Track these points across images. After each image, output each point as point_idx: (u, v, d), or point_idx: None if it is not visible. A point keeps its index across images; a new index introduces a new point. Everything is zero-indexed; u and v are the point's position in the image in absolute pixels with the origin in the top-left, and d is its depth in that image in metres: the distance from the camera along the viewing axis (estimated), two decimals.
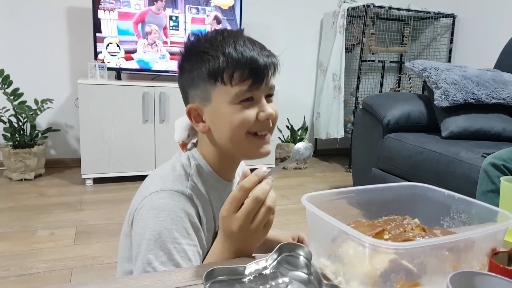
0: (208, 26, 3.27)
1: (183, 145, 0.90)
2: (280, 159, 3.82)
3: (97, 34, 3.00)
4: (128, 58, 3.12)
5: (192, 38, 0.84)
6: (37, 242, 2.08)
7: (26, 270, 1.81)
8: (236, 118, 0.78)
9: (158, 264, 0.74)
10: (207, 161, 0.86)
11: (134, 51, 3.12)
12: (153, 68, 3.20)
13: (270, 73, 0.81)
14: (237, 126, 0.78)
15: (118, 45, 3.06)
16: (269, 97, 0.84)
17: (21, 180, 3.02)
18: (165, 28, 3.17)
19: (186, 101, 0.86)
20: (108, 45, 3.04)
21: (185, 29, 3.22)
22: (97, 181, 3.01)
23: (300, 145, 0.73)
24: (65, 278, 1.75)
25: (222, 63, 0.77)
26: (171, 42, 3.21)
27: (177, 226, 0.76)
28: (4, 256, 1.92)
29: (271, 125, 0.83)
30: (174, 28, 3.19)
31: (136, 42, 3.11)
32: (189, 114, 0.84)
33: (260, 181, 0.66)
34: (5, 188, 2.88)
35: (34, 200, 2.66)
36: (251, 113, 0.79)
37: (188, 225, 0.78)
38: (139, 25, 3.10)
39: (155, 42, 3.16)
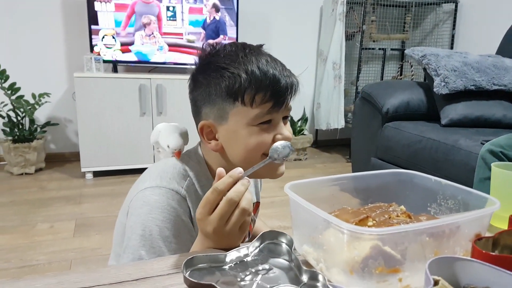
0: (206, 15, 3.24)
1: (179, 153, 0.86)
2: None
3: (93, 27, 2.98)
4: (125, 50, 3.10)
5: (209, 50, 0.81)
6: (37, 235, 2.09)
7: (26, 262, 1.82)
8: (253, 141, 0.76)
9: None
10: (210, 168, 0.85)
11: (131, 43, 3.11)
12: (152, 60, 3.18)
13: (290, 95, 0.78)
14: (253, 149, 0.77)
15: (113, 37, 3.05)
16: (285, 118, 0.82)
17: (22, 174, 3.03)
18: (159, 19, 3.14)
19: (198, 116, 0.83)
20: (103, 37, 3.02)
21: (182, 20, 3.19)
22: (96, 174, 3.02)
23: (278, 144, 0.71)
24: (65, 270, 1.76)
25: (244, 82, 0.74)
26: (169, 33, 3.18)
27: (169, 224, 0.76)
28: (4, 249, 1.93)
29: None
30: (171, 18, 3.17)
31: (133, 34, 3.09)
32: (201, 130, 0.81)
33: (235, 183, 0.63)
34: (6, 182, 2.89)
35: (35, 194, 2.67)
36: (268, 136, 0.77)
37: (181, 224, 0.77)
38: (133, 18, 3.07)
39: (152, 33, 3.14)
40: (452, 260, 0.50)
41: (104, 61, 3.03)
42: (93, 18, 2.97)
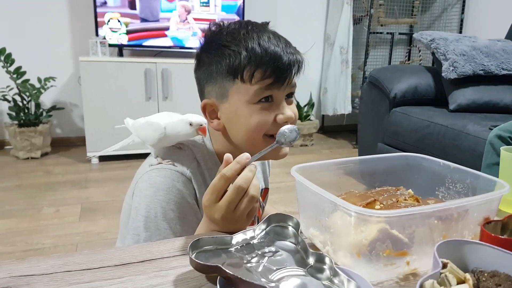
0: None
1: (205, 129, 0.81)
2: None
3: (98, 10, 2.96)
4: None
5: (213, 29, 0.79)
6: (43, 219, 2.10)
7: (32, 245, 1.84)
8: (254, 120, 0.75)
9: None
10: (217, 151, 0.84)
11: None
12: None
13: (293, 72, 0.76)
14: (254, 129, 0.76)
15: (119, 21, 3.03)
16: (289, 97, 0.79)
17: (28, 158, 3.04)
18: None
19: (201, 95, 0.82)
20: (109, 21, 3.00)
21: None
22: (102, 159, 3.03)
23: (285, 128, 0.69)
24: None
25: (243, 59, 0.73)
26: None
27: (174, 206, 0.76)
28: (10, 232, 1.95)
29: None
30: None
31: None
32: (203, 109, 0.80)
33: (242, 169, 0.62)
34: (12, 166, 2.91)
35: (40, 178, 2.69)
36: (269, 115, 0.75)
37: (186, 205, 0.77)
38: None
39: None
40: (460, 243, 0.49)
41: (110, 45, 3.01)
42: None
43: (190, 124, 0.77)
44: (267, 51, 0.73)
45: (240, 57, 0.73)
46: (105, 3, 2.97)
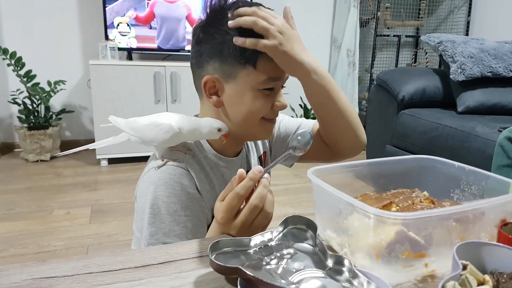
0: None
1: (228, 135, 0.81)
2: None
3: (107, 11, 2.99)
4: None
5: (223, 2, 0.78)
6: (53, 221, 2.12)
7: (43, 247, 1.85)
8: (257, 104, 0.79)
9: (162, 236, 0.75)
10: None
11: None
12: None
13: None
14: (255, 112, 0.79)
15: (128, 25, 3.05)
16: (283, 87, 0.85)
17: (37, 161, 3.07)
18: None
19: (200, 69, 0.81)
20: (118, 25, 3.03)
21: None
22: (111, 161, 3.05)
23: (298, 133, 0.70)
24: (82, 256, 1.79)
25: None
26: None
27: (175, 199, 0.77)
28: (22, 235, 1.97)
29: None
30: None
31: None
32: (204, 84, 0.80)
33: (255, 183, 0.63)
34: (22, 169, 2.93)
35: (51, 180, 2.71)
36: (270, 101, 0.80)
37: (186, 197, 0.78)
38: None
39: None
40: (479, 245, 0.50)
41: (119, 49, 3.03)
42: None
43: (219, 129, 0.78)
44: None
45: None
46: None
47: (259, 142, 1.03)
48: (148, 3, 3.08)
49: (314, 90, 0.83)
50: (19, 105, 3.03)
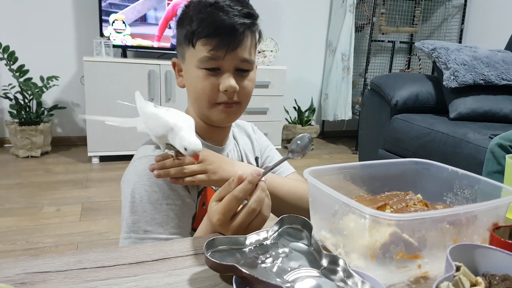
0: None
1: (198, 156, 0.78)
2: (286, 140, 3.81)
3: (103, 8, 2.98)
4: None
5: (189, 2, 0.86)
6: (43, 218, 2.11)
7: (33, 244, 1.84)
8: (199, 84, 0.81)
9: (143, 224, 0.77)
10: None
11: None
12: None
13: (238, 42, 0.78)
14: (200, 91, 0.81)
15: (124, 22, 3.04)
16: (242, 72, 0.82)
17: (28, 157, 3.04)
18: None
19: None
20: (113, 22, 3.02)
21: None
22: (103, 159, 3.03)
23: (297, 137, 0.71)
24: None
25: (194, 27, 0.79)
26: None
27: (157, 188, 0.78)
28: (11, 231, 1.95)
29: (235, 98, 0.82)
30: None
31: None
32: (173, 65, 0.90)
33: (254, 187, 0.64)
34: (12, 165, 2.91)
35: (41, 177, 2.69)
36: (213, 82, 0.80)
37: (168, 187, 0.79)
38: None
39: None
40: (472, 247, 0.51)
41: (114, 46, 3.02)
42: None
43: (185, 148, 0.74)
44: (215, 20, 0.77)
45: (192, 25, 0.79)
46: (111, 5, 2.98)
47: (255, 142, 1.04)
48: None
49: None
50: (10, 100, 3.00)
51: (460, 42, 3.84)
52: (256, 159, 1.02)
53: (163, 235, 0.77)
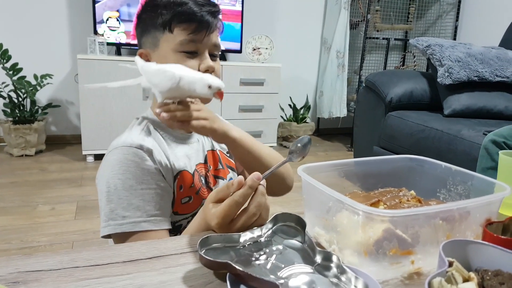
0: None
1: (222, 93, 0.80)
2: (282, 138, 3.82)
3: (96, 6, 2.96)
4: None
5: None
6: (38, 216, 2.10)
7: (27, 243, 1.83)
8: None
9: (121, 210, 0.78)
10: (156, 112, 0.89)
11: None
12: None
13: (210, 28, 0.87)
14: None
15: (118, 20, 3.02)
16: (213, 56, 0.91)
17: (22, 156, 3.03)
18: None
19: (139, 48, 0.93)
20: (107, 20, 3.00)
21: None
22: (98, 157, 3.01)
23: (299, 138, 0.72)
24: None
25: (170, 14, 0.85)
26: None
27: (130, 175, 0.80)
28: (5, 230, 1.94)
29: None
30: None
31: None
32: (141, 56, 0.90)
33: (253, 191, 0.64)
34: (6, 163, 2.89)
35: (35, 175, 2.67)
36: (193, 64, 0.86)
37: (142, 172, 0.81)
38: None
39: None
40: (465, 243, 0.51)
41: (108, 44, 3.00)
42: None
43: (209, 86, 0.76)
44: (190, 9, 0.85)
45: (167, 12, 0.85)
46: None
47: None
48: None
49: (239, 152, 0.88)
50: (4, 98, 2.98)
51: (454, 39, 3.85)
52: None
53: (141, 218, 0.79)
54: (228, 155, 1.07)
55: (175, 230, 0.89)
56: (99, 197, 0.83)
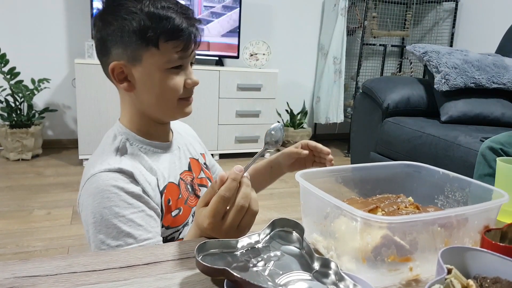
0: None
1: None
2: None
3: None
4: None
5: None
6: (34, 221, 2.08)
7: (23, 248, 1.82)
8: (169, 84, 0.81)
9: (111, 240, 0.74)
10: (134, 130, 0.86)
11: None
12: None
13: (198, 42, 0.83)
14: (170, 91, 0.81)
15: None
16: (191, 65, 0.87)
17: (18, 160, 3.01)
18: None
19: (106, 56, 0.82)
20: None
21: None
22: None
23: (271, 128, 0.72)
24: None
25: (156, 28, 0.76)
26: None
27: (115, 201, 0.76)
28: (0, 234, 1.92)
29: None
30: None
31: None
32: (112, 71, 0.81)
33: (238, 184, 0.63)
34: (2, 167, 2.87)
35: (31, 180, 2.66)
36: (180, 80, 0.82)
37: (126, 196, 0.77)
38: None
39: None
40: (463, 250, 0.51)
41: None
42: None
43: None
44: (175, 23, 0.77)
45: (152, 25, 0.76)
46: None
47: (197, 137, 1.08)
48: None
49: None
50: (1, 102, 2.97)
51: (451, 46, 3.87)
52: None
53: (134, 244, 0.75)
54: (205, 166, 1.04)
55: None
56: (85, 226, 0.79)
